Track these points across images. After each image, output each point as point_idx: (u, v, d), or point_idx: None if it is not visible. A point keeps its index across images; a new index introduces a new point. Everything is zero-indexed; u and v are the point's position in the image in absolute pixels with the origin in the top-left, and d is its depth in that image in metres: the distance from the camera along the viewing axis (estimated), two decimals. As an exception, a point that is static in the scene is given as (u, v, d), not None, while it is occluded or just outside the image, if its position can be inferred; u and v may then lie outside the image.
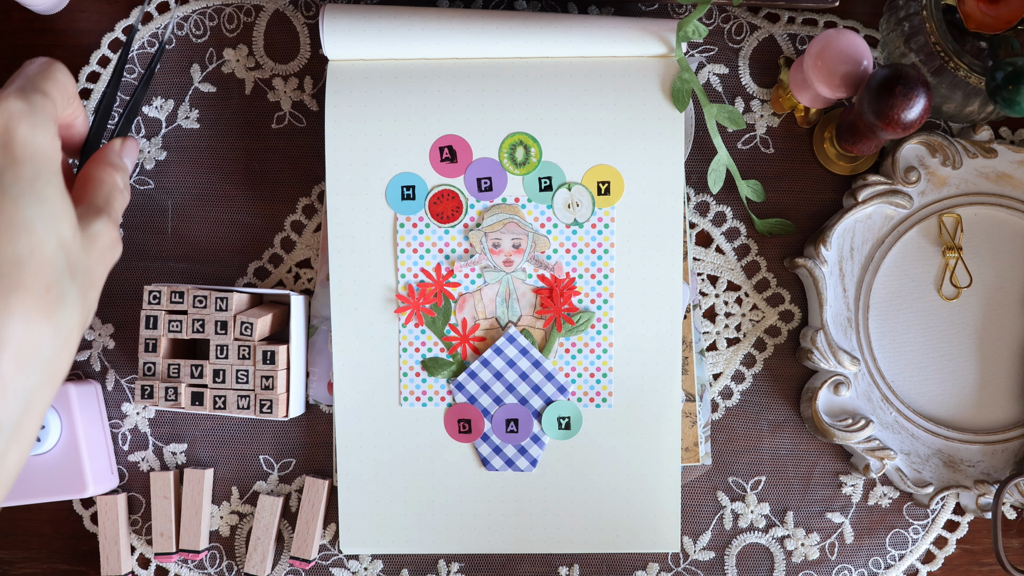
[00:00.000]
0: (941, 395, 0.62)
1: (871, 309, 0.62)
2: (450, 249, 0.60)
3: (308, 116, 0.64)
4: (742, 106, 0.64)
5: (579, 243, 0.60)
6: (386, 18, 0.58)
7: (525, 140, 0.59)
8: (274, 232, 0.64)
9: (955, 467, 0.62)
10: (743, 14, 0.63)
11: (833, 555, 0.63)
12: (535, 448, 0.60)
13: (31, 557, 0.64)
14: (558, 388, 0.60)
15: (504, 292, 0.60)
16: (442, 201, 0.60)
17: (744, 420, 0.64)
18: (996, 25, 0.53)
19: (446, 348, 0.60)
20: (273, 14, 0.64)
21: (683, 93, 0.58)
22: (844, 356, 0.61)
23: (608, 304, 0.60)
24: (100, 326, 0.64)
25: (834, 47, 0.55)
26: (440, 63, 0.59)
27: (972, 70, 0.55)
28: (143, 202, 0.64)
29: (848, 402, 0.61)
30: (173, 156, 0.64)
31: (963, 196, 0.61)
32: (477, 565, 0.64)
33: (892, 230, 0.62)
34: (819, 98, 0.59)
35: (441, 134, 0.59)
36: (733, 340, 0.64)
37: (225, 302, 0.57)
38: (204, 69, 0.64)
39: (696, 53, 0.63)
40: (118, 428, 0.64)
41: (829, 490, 0.64)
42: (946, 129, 0.63)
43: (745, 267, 0.64)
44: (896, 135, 0.53)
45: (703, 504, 0.64)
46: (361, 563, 0.63)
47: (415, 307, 0.60)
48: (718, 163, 0.61)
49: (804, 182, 0.64)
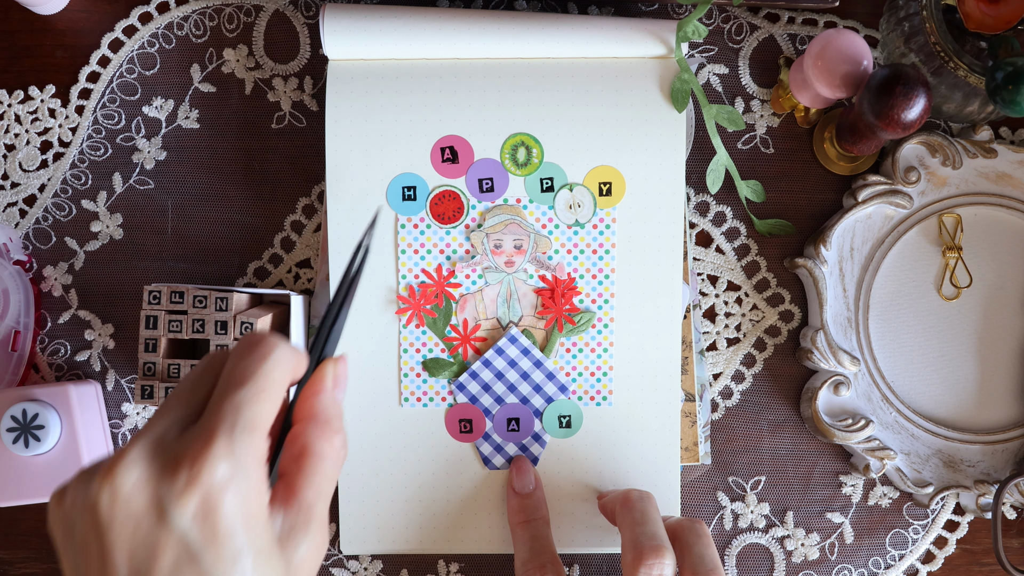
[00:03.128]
0: (941, 395, 0.62)
1: (871, 309, 0.62)
2: (451, 250, 0.60)
3: (308, 116, 0.64)
4: (742, 106, 0.64)
5: (580, 244, 0.60)
6: (386, 18, 0.58)
7: (527, 141, 0.59)
8: (274, 232, 0.64)
9: (955, 467, 0.62)
10: (743, 14, 0.63)
11: (833, 555, 0.64)
12: (536, 447, 0.60)
13: (31, 557, 0.64)
14: (559, 387, 0.60)
15: (505, 293, 0.60)
16: (443, 202, 0.60)
17: (744, 420, 0.64)
18: (996, 25, 0.53)
19: (447, 349, 0.60)
20: (273, 14, 0.64)
21: (682, 93, 0.58)
22: (844, 356, 0.61)
23: (609, 304, 0.60)
24: (100, 326, 0.64)
25: (834, 47, 0.55)
26: (441, 63, 0.59)
27: (972, 70, 0.55)
28: (143, 202, 0.64)
29: (848, 402, 0.62)
30: (173, 156, 0.64)
31: (963, 196, 0.62)
32: (477, 565, 0.64)
33: (892, 230, 0.62)
34: (819, 98, 0.59)
35: (442, 135, 0.59)
36: (733, 340, 0.64)
37: (225, 302, 0.57)
38: (204, 69, 0.64)
39: (696, 53, 0.63)
40: (118, 428, 0.64)
41: (829, 490, 0.64)
42: (946, 129, 0.63)
43: (745, 267, 0.64)
44: (896, 135, 0.54)
45: (703, 504, 0.64)
46: (361, 563, 0.63)
47: (416, 308, 0.60)
48: (717, 163, 0.61)
49: (804, 182, 0.64)
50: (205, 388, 0.39)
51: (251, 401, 0.37)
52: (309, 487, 0.39)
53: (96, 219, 0.64)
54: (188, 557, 0.35)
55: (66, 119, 0.64)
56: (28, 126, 0.64)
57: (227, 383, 0.38)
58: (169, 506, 0.35)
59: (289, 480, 0.40)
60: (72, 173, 0.63)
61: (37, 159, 0.64)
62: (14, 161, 0.64)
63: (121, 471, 0.36)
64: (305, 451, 0.40)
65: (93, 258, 0.64)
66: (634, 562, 0.50)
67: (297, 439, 0.40)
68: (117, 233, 0.64)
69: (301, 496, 0.39)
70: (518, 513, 0.58)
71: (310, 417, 0.41)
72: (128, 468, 0.36)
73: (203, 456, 0.35)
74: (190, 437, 0.36)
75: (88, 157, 0.63)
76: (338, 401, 0.43)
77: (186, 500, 0.35)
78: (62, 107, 0.64)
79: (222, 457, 0.36)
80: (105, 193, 0.63)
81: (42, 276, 0.64)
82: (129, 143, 0.63)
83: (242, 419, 0.37)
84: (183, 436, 0.37)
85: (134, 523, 0.35)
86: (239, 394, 0.37)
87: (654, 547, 0.51)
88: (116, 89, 0.64)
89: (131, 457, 0.36)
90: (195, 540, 0.35)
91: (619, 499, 0.55)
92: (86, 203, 0.63)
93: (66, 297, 0.64)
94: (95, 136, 0.63)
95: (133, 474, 0.36)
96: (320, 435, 0.40)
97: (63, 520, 0.37)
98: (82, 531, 0.36)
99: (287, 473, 0.40)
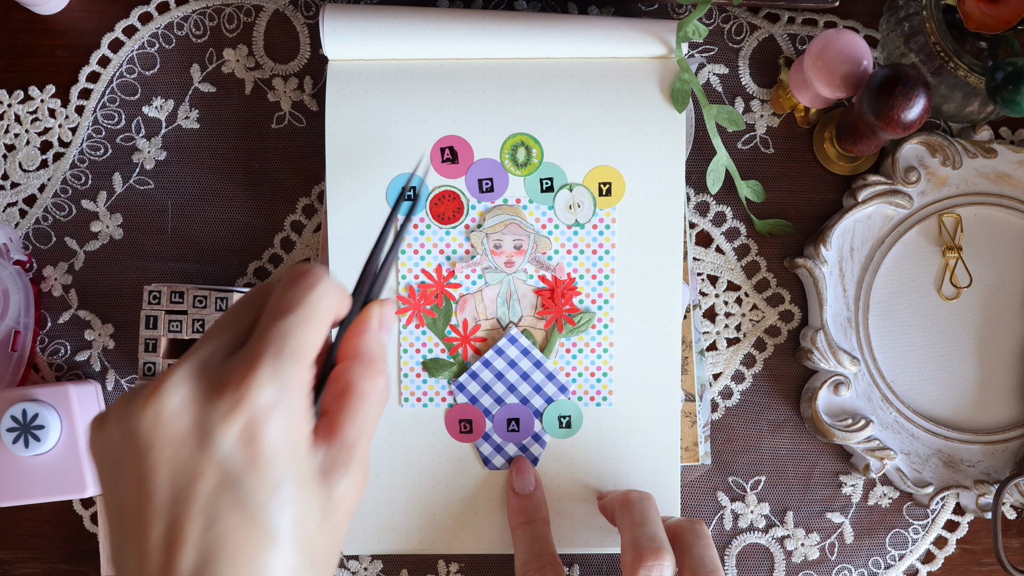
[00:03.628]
0: (941, 395, 0.62)
1: (871, 309, 0.62)
2: (451, 250, 0.60)
3: (308, 116, 0.64)
4: (742, 106, 0.64)
5: (580, 244, 0.60)
6: (386, 18, 0.58)
7: (526, 141, 0.59)
8: (274, 232, 0.64)
9: (955, 467, 0.62)
10: (743, 14, 0.63)
11: (833, 555, 0.64)
12: (536, 447, 0.60)
13: (31, 557, 0.64)
14: (559, 388, 0.60)
15: (505, 293, 0.60)
16: (443, 202, 0.60)
17: (744, 420, 0.64)
18: (996, 25, 0.53)
19: (447, 349, 0.60)
20: (273, 14, 0.64)
21: (682, 93, 0.58)
22: (844, 356, 0.61)
23: (609, 304, 0.60)
24: (100, 326, 0.64)
25: (834, 47, 0.55)
26: (441, 63, 0.59)
27: (972, 70, 0.55)
28: (143, 202, 0.64)
29: (848, 402, 0.62)
30: (173, 156, 0.64)
31: (963, 196, 0.62)
32: (477, 565, 0.64)
33: (892, 230, 0.62)
34: (819, 98, 0.59)
35: (442, 135, 0.59)
36: (733, 340, 0.64)
37: (225, 302, 0.57)
38: (204, 69, 0.64)
39: (696, 53, 0.63)
40: (118, 428, 0.64)
41: (829, 490, 0.64)
42: (946, 129, 0.63)
43: (745, 267, 0.64)
44: (896, 135, 0.53)
45: (703, 504, 0.64)
46: (361, 563, 0.63)
47: (416, 308, 0.60)
48: (717, 164, 0.61)
49: (804, 182, 0.64)
50: (250, 316, 0.39)
51: (297, 328, 0.37)
52: (351, 425, 0.39)
53: (96, 219, 0.64)
54: (229, 481, 0.35)
55: (66, 119, 0.64)
56: (28, 126, 0.64)
57: (274, 311, 0.38)
58: (213, 428, 0.35)
59: (331, 417, 0.39)
60: (72, 173, 0.64)
61: (37, 159, 0.64)
62: (14, 161, 0.64)
63: (165, 392, 0.35)
64: (348, 389, 0.39)
65: (93, 258, 0.64)
66: (633, 563, 0.50)
67: (340, 377, 0.40)
68: (117, 233, 0.64)
69: (343, 433, 0.39)
70: (518, 514, 0.58)
71: (354, 356, 0.40)
72: (172, 389, 0.35)
73: (249, 379, 0.35)
74: (236, 361, 0.36)
75: (88, 157, 0.63)
76: (383, 343, 0.42)
77: (230, 422, 0.35)
78: (62, 107, 0.64)
79: (268, 381, 0.35)
80: (105, 193, 0.63)
81: (42, 276, 0.64)
82: (129, 143, 0.64)
83: (288, 345, 0.36)
84: (229, 360, 0.36)
85: (177, 445, 0.35)
86: (285, 321, 0.37)
87: (653, 549, 0.51)
88: (116, 89, 0.64)
89: (176, 378, 0.36)
90: (237, 464, 0.35)
91: (619, 500, 0.55)
92: (86, 203, 0.64)
93: (66, 297, 0.64)
94: (95, 136, 0.63)
95: (177, 395, 0.35)
96: (364, 374, 0.40)
97: (102, 444, 0.37)
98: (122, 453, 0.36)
99: (329, 410, 0.39)
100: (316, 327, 0.38)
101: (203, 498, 0.35)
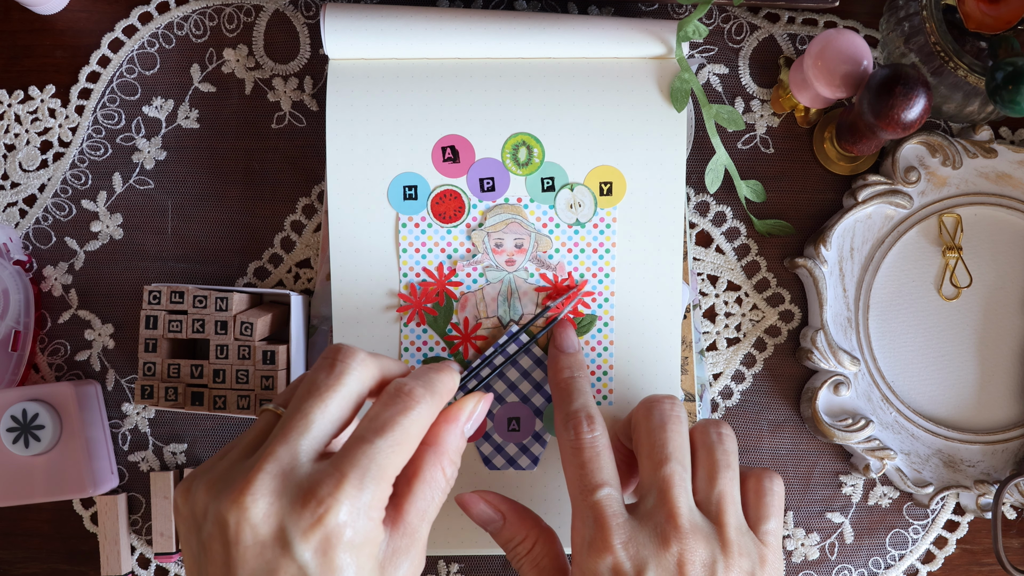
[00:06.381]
0: (941, 395, 0.62)
1: (871, 309, 0.62)
2: (452, 249, 0.60)
3: (308, 116, 0.64)
4: (742, 106, 0.64)
5: (581, 243, 0.60)
6: (387, 18, 0.58)
7: (528, 140, 0.59)
8: (274, 232, 0.64)
9: (955, 467, 0.62)
10: (743, 14, 0.64)
11: (833, 555, 0.64)
12: (537, 446, 0.60)
13: (31, 557, 0.64)
14: (559, 388, 0.60)
15: (506, 291, 0.60)
16: (444, 201, 0.60)
17: (744, 420, 0.64)
18: (996, 25, 0.53)
19: (447, 347, 0.60)
20: (273, 14, 0.64)
21: (682, 93, 0.58)
22: (844, 356, 0.61)
23: (609, 303, 0.60)
24: (100, 326, 0.63)
25: (834, 47, 0.55)
26: (442, 63, 0.59)
27: (972, 70, 0.55)
28: (143, 202, 0.64)
29: (848, 402, 0.62)
30: (173, 156, 0.64)
31: (963, 196, 0.62)
32: (477, 565, 0.64)
33: (892, 230, 0.62)
34: (819, 98, 0.59)
35: (443, 134, 0.59)
36: (733, 340, 0.64)
37: (225, 302, 0.57)
38: (204, 69, 0.64)
39: (696, 53, 0.64)
40: (118, 428, 0.64)
41: (829, 490, 0.64)
42: (946, 129, 0.63)
43: (745, 267, 0.64)
44: (896, 135, 0.54)
45: (703, 504, 0.64)
46: (361, 563, 0.63)
47: (416, 306, 0.60)
48: (716, 163, 0.61)
49: (804, 182, 0.64)
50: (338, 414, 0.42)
51: (386, 453, 0.41)
52: (415, 511, 0.43)
53: (96, 219, 0.63)
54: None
55: (66, 119, 0.64)
56: (28, 126, 0.64)
57: (367, 428, 0.41)
58: (294, 539, 0.38)
59: (398, 501, 0.43)
60: (72, 173, 0.63)
61: (37, 159, 0.64)
62: (14, 161, 0.63)
63: (250, 502, 0.39)
64: (417, 474, 0.43)
65: (93, 258, 0.64)
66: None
67: (415, 461, 0.44)
68: (117, 233, 0.64)
69: (407, 519, 0.42)
70: (563, 369, 0.55)
71: (432, 443, 0.44)
72: (257, 499, 0.39)
73: (331, 499, 0.39)
74: (321, 475, 0.40)
75: (88, 157, 0.63)
76: (466, 435, 0.46)
77: (310, 537, 0.39)
78: (62, 107, 0.64)
79: (349, 501, 0.39)
80: (105, 193, 0.63)
81: (42, 276, 0.64)
82: (129, 143, 0.63)
83: (374, 468, 0.40)
84: (313, 472, 0.40)
85: (260, 547, 0.39)
86: (376, 443, 0.41)
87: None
88: (116, 89, 0.64)
89: (260, 489, 0.39)
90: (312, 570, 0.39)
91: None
92: (86, 203, 0.63)
93: (66, 297, 0.64)
94: (95, 136, 0.63)
95: (262, 506, 0.39)
96: (434, 462, 0.44)
97: (190, 517, 0.41)
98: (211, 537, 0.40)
99: (398, 493, 0.43)
100: (404, 451, 0.42)
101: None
